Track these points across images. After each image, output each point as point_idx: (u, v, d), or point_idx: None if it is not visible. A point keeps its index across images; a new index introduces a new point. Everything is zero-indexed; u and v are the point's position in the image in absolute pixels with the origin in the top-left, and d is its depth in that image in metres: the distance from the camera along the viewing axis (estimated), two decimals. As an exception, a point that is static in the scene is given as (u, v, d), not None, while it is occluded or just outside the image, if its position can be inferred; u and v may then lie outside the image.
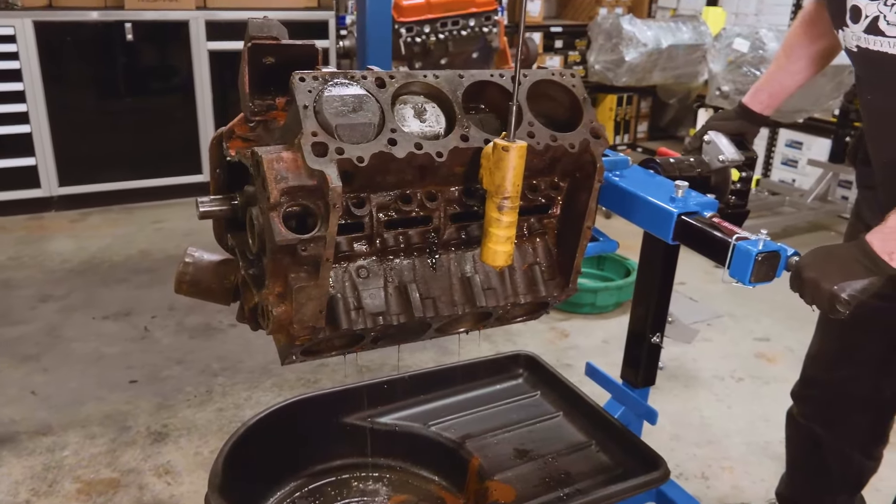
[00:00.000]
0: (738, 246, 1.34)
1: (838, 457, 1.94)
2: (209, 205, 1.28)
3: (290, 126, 1.16)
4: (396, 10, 3.86)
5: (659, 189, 1.55)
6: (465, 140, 1.22)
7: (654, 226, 1.53)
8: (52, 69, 4.55)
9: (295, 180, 1.09)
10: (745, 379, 3.16)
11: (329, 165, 1.10)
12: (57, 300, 3.63)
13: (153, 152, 4.99)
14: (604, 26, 5.55)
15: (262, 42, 1.22)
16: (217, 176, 1.33)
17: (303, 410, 1.72)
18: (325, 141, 1.11)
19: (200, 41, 4.83)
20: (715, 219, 1.45)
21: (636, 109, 7.15)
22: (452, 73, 1.27)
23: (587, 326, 3.56)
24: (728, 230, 1.40)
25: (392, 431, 1.77)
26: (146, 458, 2.54)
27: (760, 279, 1.34)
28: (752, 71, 4.37)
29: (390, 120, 1.18)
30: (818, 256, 1.34)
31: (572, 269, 1.42)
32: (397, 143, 1.17)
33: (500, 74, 1.31)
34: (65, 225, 4.66)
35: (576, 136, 1.32)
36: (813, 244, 4.40)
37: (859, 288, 1.27)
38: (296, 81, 1.13)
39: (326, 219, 1.12)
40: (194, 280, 1.37)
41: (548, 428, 1.82)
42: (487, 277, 1.37)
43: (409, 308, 1.30)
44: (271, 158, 1.09)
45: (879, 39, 1.39)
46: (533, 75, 1.32)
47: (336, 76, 1.17)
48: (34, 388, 2.91)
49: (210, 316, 3.48)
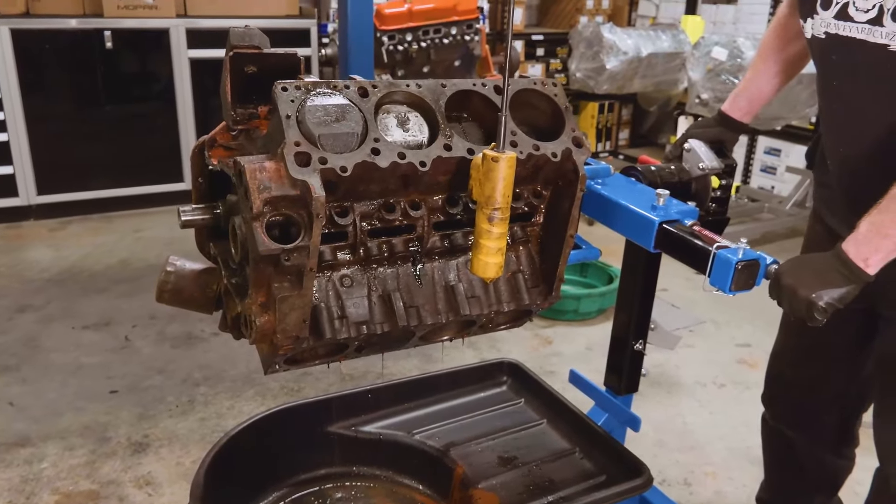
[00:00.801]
0: (718, 255, 1.36)
1: (810, 458, 1.97)
2: (191, 214, 1.28)
3: (272, 135, 1.16)
4: (378, 18, 3.87)
5: (640, 197, 1.57)
6: (447, 149, 1.23)
7: (636, 234, 1.54)
8: (29, 77, 4.51)
9: (278, 190, 1.09)
10: (727, 385, 3.19)
11: (312, 175, 1.10)
12: (35, 310, 3.59)
13: (134, 160, 4.95)
14: (584, 34, 5.59)
15: (243, 51, 1.21)
16: (199, 185, 1.33)
17: (286, 420, 1.71)
18: (308, 151, 1.11)
19: (181, 49, 4.81)
20: (695, 227, 1.47)
21: (617, 117, 7.20)
22: (435, 83, 1.27)
23: (570, 333, 3.57)
24: (708, 239, 1.41)
25: (376, 440, 1.77)
26: (126, 469, 2.51)
27: (740, 288, 1.36)
28: (731, 79, 4.42)
29: (373, 129, 1.18)
30: (796, 265, 1.36)
31: (555, 277, 1.43)
32: (380, 152, 1.17)
33: (482, 84, 1.31)
34: (43, 234, 4.61)
35: (558, 145, 1.32)
36: (792, 250, 4.44)
37: (837, 296, 1.29)
38: (278, 91, 1.12)
39: (310, 228, 1.11)
40: (176, 289, 1.36)
41: (532, 435, 1.82)
42: (471, 286, 1.37)
43: (393, 317, 1.30)
44: (254, 168, 1.09)
45: (849, 25, 1.43)
46: (515, 84, 1.33)
47: (318, 86, 1.17)
48: (12, 398, 2.87)
49: (192, 325, 3.46)
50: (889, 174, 1.32)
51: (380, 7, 3.93)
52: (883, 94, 1.43)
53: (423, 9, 3.99)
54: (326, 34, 5.36)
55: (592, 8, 6.99)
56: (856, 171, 1.55)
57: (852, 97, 1.52)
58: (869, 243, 1.29)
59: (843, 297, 1.30)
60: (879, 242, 1.28)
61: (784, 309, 1.36)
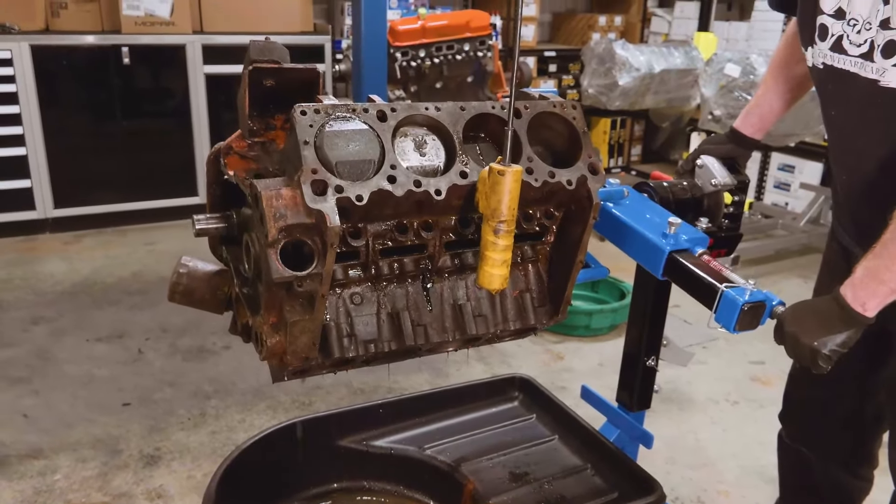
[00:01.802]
0: (725, 294, 1.36)
1: (826, 477, 1.94)
2: (206, 222, 1.28)
3: (289, 154, 1.16)
4: (392, 34, 3.91)
5: (653, 222, 1.56)
6: (463, 177, 1.22)
7: (646, 260, 1.56)
8: (48, 92, 4.57)
9: (294, 218, 1.09)
10: (741, 402, 3.16)
11: (328, 205, 1.09)
12: (48, 322, 3.62)
13: (149, 175, 5.00)
14: (597, 51, 5.61)
15: (262, 66, 1.21)
16: (213, 191, 1.33)
17: (296, 434, 1.71)
18: (324, 179, 1.10)
19: (197, 65, 4.86)
20: (705, 256, 1.47)
21: (630, 133, 7.21)
22: (454, 106, 1.26)
23: (582, 349, 3.56)
24: (717, 274, 1.41)
25: (387, 455, 1.76)
26: (138, 481, 2.51)
27: (745, 328, 1.37)
28: (744, 95, 4.42)
29: (390, 155, 1.17)
30: (798, 311, 1.36)
31: (563, 299, 1.43)
32: (396, 180, 1.16)
33: (501, 106, 1.30)
34: (58, 247, 4.65)
35: (573, 171, 1.31)
36: (806, 266, 4.38)
37: (839, 342, 1.29)
38: (297, 115, 1.12)
39: (323, 256, 1.11)
40: (187, 290, 1.36)
41: (543, 451, 1.81)
42: (479, 304, 1.38)
43: (401, 336, 1.30)
44: (270, 195, 1.09)
45: (843, 57, 1.45)
46: (534, 107, 1.31)
47: (337, 109, 1.16)
48: (25, 410, 2.88)
49: (203, 338, 3.47)
50: (883, 206, 1.32)
51: (393, 23, 3.96)
52: (873, 127, 1.44)
53: (436, 25, 4.02)
54: (340, 50, 5.40)
55: (605, 25, 7.02)
56: (856, 198, 1.57)
57: (846, 127, 1.54)
58: (866, 288, 1.29)
59: (846, 342, 1.30)
60: (876, 288, 1.28)
61: (788, 355, 1.37)
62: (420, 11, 4.34)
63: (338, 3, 5.95)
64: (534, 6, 6.63)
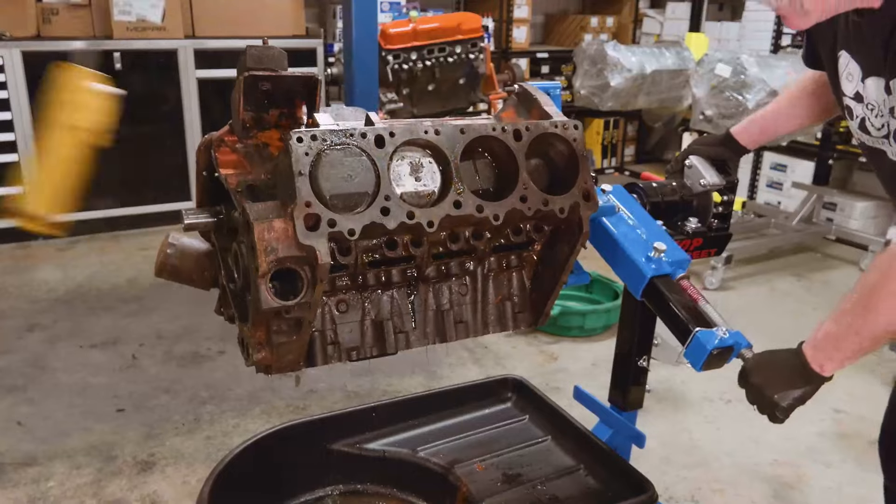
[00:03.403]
0: (697, 336, 1.41)
1: None
2: (195, 217, 1.26)
3: (282, 174, 1.13)
4: (383, 37, 3.91)
5: (639, 241, 1.56)
6: (457, 206, 1.21)
7: (627, 279, 1.57)
8: (40, 99, 4.55)
9: (285, 252, 1.09)
10: (734, 400, 3.17)
11: (320, 240, 1.09)
12: (43, 329, 3.61)
13: (142, 180, 5.00)
14: (588, 52, 5.63)
15: (258, 73, 1.18)
16: (203, 178, 1.31)
17: (290, 437, 1.71)
18: (318, 213, 1.09)
19: (189, 69, 4.86)
20: (684, 281, 1.52)
21: (622, 133, 7.23)
22: (454, 129, 1.23)
23: (576, 349, 3.57)
24: (692, 309, 1.46)
25: (380, 458, 1.76)
26: (132, 487, 2.51)
27: (710, 368, 1.43)
28: (735, 95, 4.43)
29: (385, 185, 1.15)
30: (763, 363, 1.40)
31: (543, 310, 1.45)
32: (390, 212, 1.15)
33: (502, 128, 1.27)
34: (52, 253, 4.65)
35: (567, 199, 1.31)
36: (799, 265, 4.40)
37: (797, 396, 1.34)
38: (293, 143, 1.09)
39: (312, 287, 1.12)
40: (175, 269, 1.37)
41: (536, 452, 1.82)
42: (461, 310, 1.39)
43: (384, 343, 1.33)
44: (262, 228, 1.08)
45: (869, 137, 1.50)
46: (536, 128, 1.29)
47: (335, 135, 1.13)
48: (19, 418, 2.88)
49: (198, 344, 3.47)
50: None
51: (385, 27, 3.97)
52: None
53: (427, 28, 4.03)
54: (332, 54, 5.41)
55: (597, 26, 7.04)
56: None
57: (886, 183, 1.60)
58: (824, 351, 1.32)
59: (803, 397, 1.34)
60: (832, 353, 1.31)
61: (749, 402, 1.42)
62: (411, 14, 4.35)
63: (329, 7, 5.95)
64: (526, 8, 6.65)
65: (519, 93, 1.42)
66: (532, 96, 1.40)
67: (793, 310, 4.13)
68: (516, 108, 1.42)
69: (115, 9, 4.64)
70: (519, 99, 1.42)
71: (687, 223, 1.78)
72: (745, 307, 4.14)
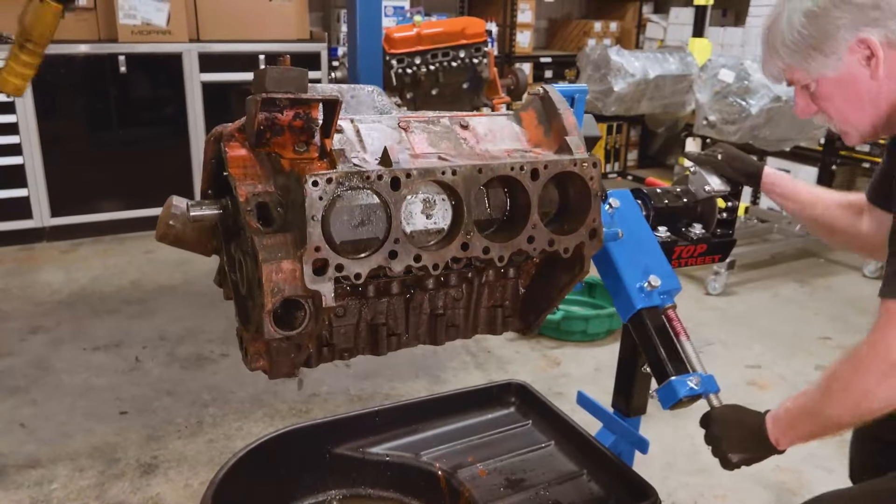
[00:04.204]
0: (671, 382, 1.51)
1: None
2: (200, 209, 1.26)
3: (295, 205, 1.11)
4: (387, 42, 3.92)
5: (636, 269, 1.58)
6: (464, 248, 1.20)
7: (618, 303, 1.61)
8: (45, 101, 4.57)
9: (291, 291, 1.10)
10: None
11: (326, 284, 1.09)
12: (46, 331, 3.62)
13: (146, 183, 5.00)
14: (592, 57, 5.63)
15: (277, 97, 1.13)
16: (211, 165, 1.30)
17: (293, 441, 1.72)
18: (326, 257, 1.09)
19: (193, 73, 4.87)
20: (670, 312, 1.57)
21: (626, 138, 7.23)
22: (472, 169, 1.19)
23: (579, 354, 3.56)
24: (672, 350, 1.53)
25: (382, 462, 1.77)
26: (135, 490, 2.51)
27: (678, 408, 1.55)
28: (738, 101, 4.43)
29: (396, 229, 1.14)
30: (727, 418, 1.47)
31: (533, 323, 1.48)
32: (397, 255, 1.15)
33: (520, 167, 1.24)
34: (55, 255, 4.65)
35: (573, 239, 1.31)
36: (802, 271, 4.38)
37: (748, 458, 1.43)
38: (308, 187, 1.07)
39: (315, 319, 1.13)
40: (178, 237, 1.37)
41: (539, 457, 1.82)
42: (454, 314, 1.40)
43: (377, 345, 1.35)
44: (270, 270, 1.08)
45: None
46: (553, 167, 1.27)
47: (351, 178, 1.10)
48: (22, 420, 2.88)
49: (201, 346, 3.47)
50: None
51: (389, 31, 3.97)
52: None
53: (431, 32, 4.03)
54: (336, 57, 5.42)
55: (600, 31, 7.05)
56: None
57: None
58: (780, 427, 1.37)
59: (753, 460, 1.43)
60: (787, 430, 1.36)
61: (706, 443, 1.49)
62: (415, 19, 4.35)
63: (334, 11, 5.97)
64: (529, 13, 6.66)
65: (543, 97, 1.39)
66: (555, 107, 1.36)
67: (795, 315, 4.12)
68: (538, 112, 1.40)
69: (121, 12, 4.66)
70: (543, 103, 1.40)
71: (691, 229, 1.78)
72: (747, 312, 4.13)
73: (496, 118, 1.41)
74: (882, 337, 1.20)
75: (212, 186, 1.31)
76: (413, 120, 1.32)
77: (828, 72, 1.34)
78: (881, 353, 1.19)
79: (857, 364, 1.23)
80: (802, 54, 1.35)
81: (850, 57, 1.32)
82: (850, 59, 1.32)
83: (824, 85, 1.36)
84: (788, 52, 1.36)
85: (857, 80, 1.33)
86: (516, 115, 1.43)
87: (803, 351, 3.66)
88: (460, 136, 1.35)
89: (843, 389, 1.25)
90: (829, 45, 1.32)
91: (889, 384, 1.18)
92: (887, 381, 1.18)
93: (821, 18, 1.31)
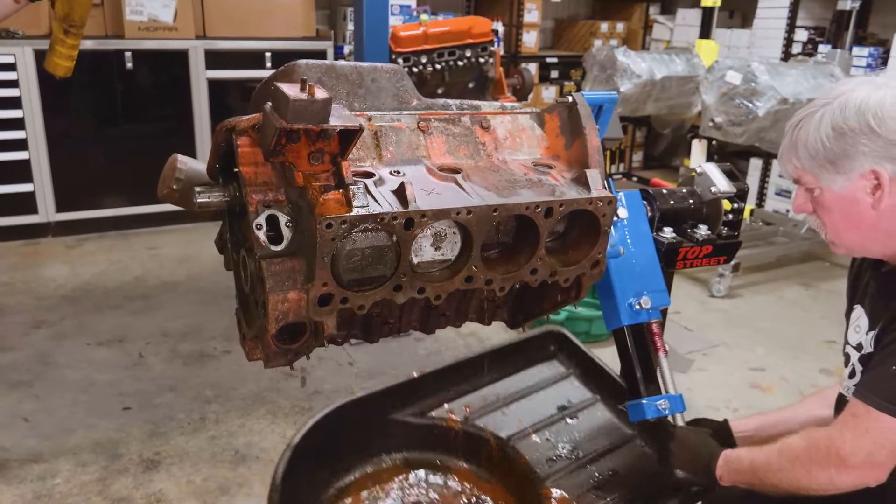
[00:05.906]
0: (643, 403, 1.56)
1: None
2: (207, 195, 1.22)
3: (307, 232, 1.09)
4: (394, 40, 3.91)
5: (633, 276, 1.59)
6: (468, 281, 1.20)
7: (605, 311, 1.62)
8: (51, 97, 4.58)
9: (295, 318, 1.11)
10: (741, 409, 3.16)
11: (330, 316, 1.11)
12: (49, 326, 3.62)
13: (151, 179, 4.94)
14: (598, 57, 5.62)
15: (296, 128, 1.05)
16: (220, 147, 1.25)
17: (355, 410, 1.76)
18: (332, 292, 1.10)
19: (199, 70, 4.88)
20: (655, 326, 1.60)
21: (631, 139, 7.22)
22: (487, 209, 1.16)
23: (582, 355, 3.55)
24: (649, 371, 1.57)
25: (441, 427, 1.81)
26: (138, 486, 2.51)
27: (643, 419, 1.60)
28: (745, 103, 4.42)
29: (404, 266, 1.13)
30: (687, 441, 1.53)
31: (520, 323, 1.49)
32: (402, 289, 1.15)
33: (535, 206, 1.20)
34: (60, 251, 4.66)
35: (574, 270, 1.30)
36: (807, 273, 4.37)
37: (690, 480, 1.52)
38: (322, 228, 1.04)
39: (315, 337, 1.15)
40: (183, 196, 1.36)
41: (588, 418, 1.88)
42: (447, 304, 1.40)
43: (369, 332, 1.38)
44: (277, 300, 1.08)
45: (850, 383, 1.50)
46: (568, 206, 1.24)
47: (365, 220, 1.07)
48: (25, 415, 2.89)
49: (204, 343, 3.47)
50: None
51: (395, 29, 3.97)
52: None
53: (438, 31, 4.02)
54: (343, 55, 5.42)
55: (607, 32, 7.04)
56: None
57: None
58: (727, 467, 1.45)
59: (694, 483, 1.52)
60: (733, 474, 1.45)
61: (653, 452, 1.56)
62: (422, 17, 4.34)
63: (340, 9, 5.96)
64: (536, 13, 6.65)
65: (571, 107, 1.34)
66: (581, 123, 1.31)
67: (800, 318, 4.11)
68: (562, 121, 1.36)
69: (127, 8, 4.66)
70: (569, 114, 1.34)
71: (697, 230, 1.78)
72: (751, 315, 4.12)
73: (518, 118, 1.37)
74: (839, 435, 1.32)
75: (217, 165, 1.27)
76: (433, 119, 1.29)
77: (834, 187, 1.36)
78: (832, 450, 1.31)
79: (812, 449, 1.34)
80: (818, 162, 1.36)
81: (859, 181, 1.33)
82: (858, 183, 1.33)
83: (827, 196, 1.38)
84: (806, 155, 1.37)
85: (858, 204, 1.35)
86: (540, 116, 1.39)
87: (807, 354, 3.65)
88: (479, 140, 1.32)
89: (791, 467, 1.36)
90: (844, 164, 1.33)
91: (828, 476, 1.32)
92: (827, 472, 1.32)
93: (848, 138, 1.31)
